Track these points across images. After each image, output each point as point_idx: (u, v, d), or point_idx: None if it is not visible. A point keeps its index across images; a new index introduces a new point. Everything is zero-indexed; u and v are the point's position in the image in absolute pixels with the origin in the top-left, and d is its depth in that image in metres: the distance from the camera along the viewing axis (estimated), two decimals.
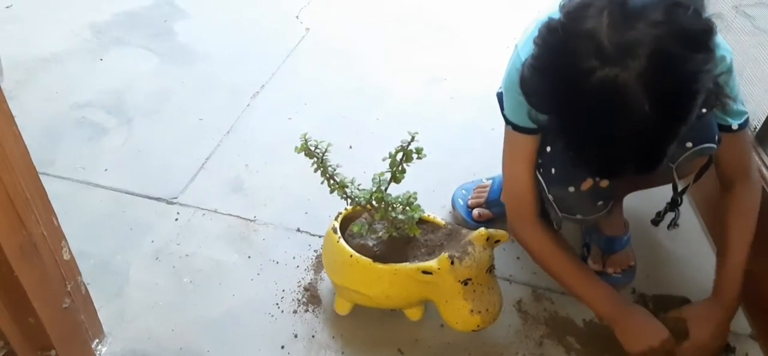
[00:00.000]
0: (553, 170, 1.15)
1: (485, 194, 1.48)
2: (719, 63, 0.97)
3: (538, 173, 1.18)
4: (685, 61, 0.82)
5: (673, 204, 1.22)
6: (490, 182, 1.49)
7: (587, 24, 0.83)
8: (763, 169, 1.25)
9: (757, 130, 1.30)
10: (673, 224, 1.24)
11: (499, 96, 1.19)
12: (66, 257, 1.05)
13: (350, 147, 1.67)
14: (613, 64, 0.81)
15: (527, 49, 1.00)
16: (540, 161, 1.17)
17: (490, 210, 1.46)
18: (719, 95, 0.96)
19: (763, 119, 1.28)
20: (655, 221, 1.26)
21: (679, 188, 1.18)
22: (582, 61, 0.83)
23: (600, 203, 1.17)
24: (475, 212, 1.47)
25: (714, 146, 1.08)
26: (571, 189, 1.14)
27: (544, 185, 1.17)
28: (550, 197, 1.17)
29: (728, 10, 1.60)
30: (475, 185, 1.52)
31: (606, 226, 1.36)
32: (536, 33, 0.91)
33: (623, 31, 0.81)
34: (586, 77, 0.82)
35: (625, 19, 0.82)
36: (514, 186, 1.19)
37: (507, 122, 1.16)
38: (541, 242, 1.20)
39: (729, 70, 1.03)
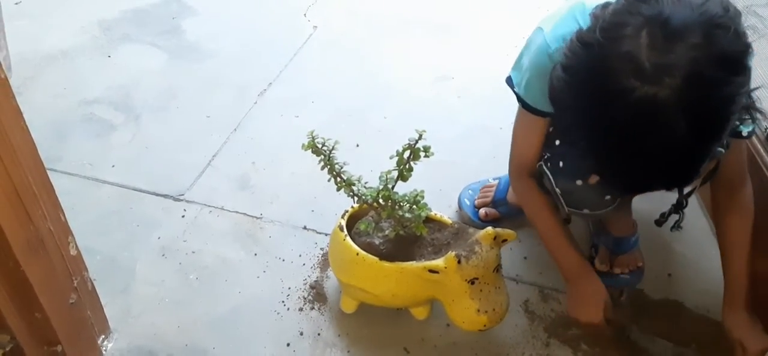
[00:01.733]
0: (560, 164, 1.16)
1: (492, 194, 1.47)
2: None
3: (545, 166, 1.18)
4: (723, 85, 0.83)
5: (678, 206, 1.21)
6: (496, 181, 1.49)
7: (626, 45, 0.83)
8: None
9: (767, 130, 1.29)
10: (677, 226, 1.23)
11: (509, 80, 1.20)
12: (73, 252, 1.05)
13: (357, 145, 1.67)
14: (652, 84, 0.81)
15: (554, 36, 1.02)
16: (548, 154, 1.18)
17: (496, 209, 1.45)
18: (751, 110, 0.96)
19: None
20: (659, 222, 1.26)
21: (685, 191, 1.17)
22: (621, 81, 0.83)
23: (608, 197, 1.18)
24: (482, 211, 1.46)
25: (723, 150, 1.07)
26: (579, 183, 1.15)
27: (551, 178, 1.18)
28: (557, 190, 1.18)
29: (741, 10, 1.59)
30: (482, 185, 1.52)
31: (614, 227, 1.35)
32: (567, 39, 0.91)
33: (662, 53, 0.81)
34: (624, 97, 0.83)
35: (665, 41, 0.82)
36: (522, 153, 1.23)
37: (523, 103, 1.16)
38: (533, 195, 1.24)
39: None
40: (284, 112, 1.80)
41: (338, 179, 1.15)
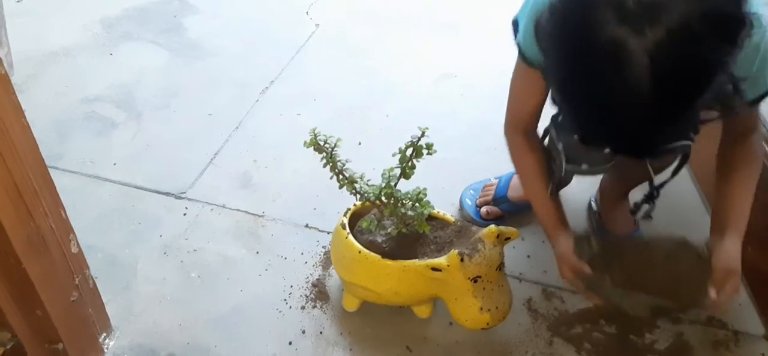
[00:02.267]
0: (559, 117, 1.14)
1: (492, 192, 1.47)
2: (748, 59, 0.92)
3: (551, 122, 1.16)
4: (704, 46, 0.76)
5: (649, 197, 1.19)
6: (496, 181, 1.48)
7: None
8: None
9: None
10: (647, 215, 1.22)
11: (515, 23, 1.15)
12: (74, 250, 1.05)
13: (359, 143, 1.67)
14: (629, 26, 0.76)
15: None
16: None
17: (498, 207, 1.45)
18: (733, 103, 0.91)
19: None
20: (633, 212, 1.25)
21: (656, 182, 1.16)
22: (599, 13, 0.77)
23: (607, 151, 1.12)
24: (483, 210, 1.46)
25: (690, 143, 1.02)
26: (576, 137, 1.10)
27: (555, 134, 1.15)
28: (559, 146, 1.14)
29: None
30: (483, 184, 1.51)
31: (615, 225, 1.35)
32: None
33: None
34: (596, 31, 0.78)
35: None
36: (517, 107, 1.21)
37: (520, 52, 1.12)
38: (522, 152, 1.22)
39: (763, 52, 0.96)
40: (286, 110, 1.80)
41: (340, 176, 1.14)
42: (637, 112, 0.80)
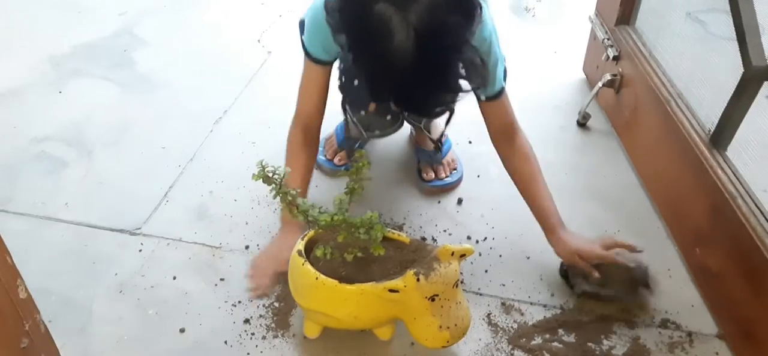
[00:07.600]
0: (348, 99, 1.48)
1: (334, 140, 1.67)
2: (481, 43, 1.21)
3: (342, 106, 1.52)
4: (451, 18, 1.04)
5: (435, 146, 1.59)
6: (333, 130, 1.69)
7: None
8: (718, 171, 1.27)
9: (710, 133, 1.33)
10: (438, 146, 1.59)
11: (301, 24, 1.35)
12: (22, 296, 1.02)
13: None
14: (391, 3, 1.02)
15: None
16: (342, 94, 1.48)
17: (344, 150, 1.66)
18: (483, 74, 1.15)
19: (716, 122, 1.31)
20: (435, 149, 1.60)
21: (433, 135, 1.59)
22: None
23: (389, 117, 1.49)
24: (336, 158, 1.65)
25: (453, 105, 1.21)
26: (363, 113, 1.46)
27: (349, 111, 1.50)
28: (354, 119, 1.49)
29: (681, 16, 1.64)
30: (324, 141, 1.68)
31: (425, 144, 1.62)
32: None
33: None
34: (367, 7, 1.04)
35: None
36: (304, 103, 1.42)
37: (304, 50, 1.35)
38: (299, 146, 1.43)
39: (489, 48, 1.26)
40: (240, 139, 1.79)
41: (291, 207, 1.15)
42: (408, 70, 1.04)
